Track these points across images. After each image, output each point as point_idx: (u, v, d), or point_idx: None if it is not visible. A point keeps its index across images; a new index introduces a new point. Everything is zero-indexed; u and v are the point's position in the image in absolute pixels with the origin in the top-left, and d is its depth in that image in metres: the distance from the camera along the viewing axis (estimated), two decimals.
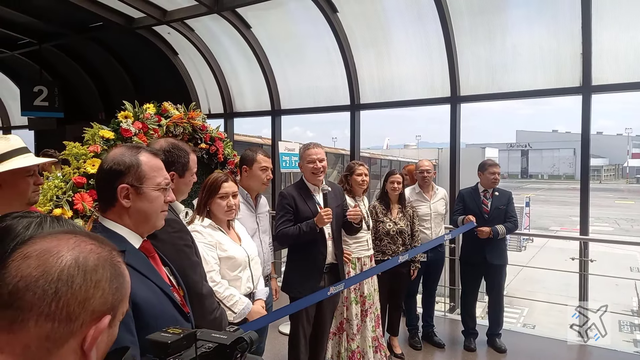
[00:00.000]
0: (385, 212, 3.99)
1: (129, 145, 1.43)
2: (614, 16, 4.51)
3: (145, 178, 1.34)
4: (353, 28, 5.87)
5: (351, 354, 3.55)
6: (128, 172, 1.32)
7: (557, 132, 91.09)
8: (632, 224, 28.89)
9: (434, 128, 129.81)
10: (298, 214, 3.07)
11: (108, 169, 1.33)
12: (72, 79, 9.18)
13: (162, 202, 1.38)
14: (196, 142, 3.77)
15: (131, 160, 1.34)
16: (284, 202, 3.09)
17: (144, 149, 1.40)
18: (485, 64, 5.27)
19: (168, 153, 1.95)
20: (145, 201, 1.34)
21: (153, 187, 1.36)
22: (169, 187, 1.42)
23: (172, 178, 1.93)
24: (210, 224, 2.42)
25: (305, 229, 2.97)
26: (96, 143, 2.99)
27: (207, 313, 1.91)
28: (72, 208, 2.76)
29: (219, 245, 2.38)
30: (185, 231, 1.93)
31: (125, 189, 1.31)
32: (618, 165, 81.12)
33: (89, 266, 0.72)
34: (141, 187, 1.33)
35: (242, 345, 0.91)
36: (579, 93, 4.69)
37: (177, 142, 2.05)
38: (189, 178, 2.02)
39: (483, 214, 4.19)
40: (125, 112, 3.22)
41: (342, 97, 6.27)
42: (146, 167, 1.35)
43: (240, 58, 7.07)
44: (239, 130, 8.69)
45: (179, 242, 1.86)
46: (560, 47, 4.81)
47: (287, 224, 3.04)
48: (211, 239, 2.37)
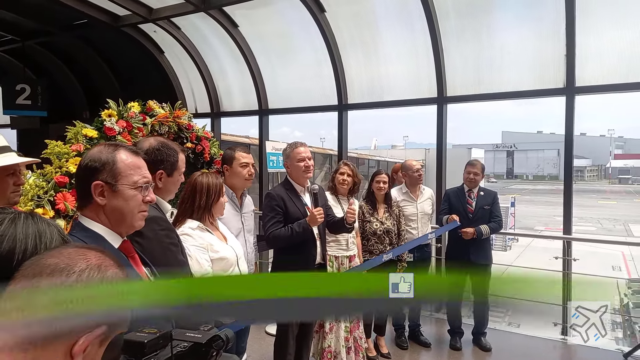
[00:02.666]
0: (372, 212, 4.00)
1: (110, 143, 1.42)
2: (597, 19, 4.59)
3: (120, 175, 1.33)
4: (341, 28, 5.87)
5: (322, 351, 3.54)
6: (103, 169, 1.31)
7: (542, 133, 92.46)
8: (615, 224, 29.43)
9: (422, 128, 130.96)
10: (288, 215, 3.05)
11: (84, 165, 1.33)
12: (56, 77, 9.04)
13: (139, 201, 1.36)
14: (182, 141, 3.73)
15: (107, 157, 1.33)
16: (273, 204, 3.06)
17: (123, 147, 1.39)
18: (471, 64, 5.31)
19: (157, 151, 1.94)
20: (120, 199, 1.33)
21: (128, 185, 1.34)
22: (148, 186, 1.40)
23: (161, 177, 1.92)
24: (198, 226, 2.39)
25: (298, 229, 2.95)
26: (79, 142, 2.94)
27: None
28: (54, 208, 2.71)
29: (210, 247, 2.36)
30: (171, 230, 1.92)
31: (100, 186, 1.30)
32: (601, 165, 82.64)
33: (107, 274, 0.78)
34: (116, 185, 1.32)
35: (218, 343, 0.91)
36: (563, 94, 4.76)
37: (167, 141, 2.04)
38: (177, 177, 2.01)
39: (467, 213, 4.23)
40: (109, 110, 3.18)
41: (330, 97, 6.27)
42: (122, 164, 1.34)
43: (228, 57, 7.02)
44: (227, 129, 8.67)
45: (166, 241, 1.84)
46: (544, 48, 4.88)
47: (277, 226, 3.01)
48: (202, 241, 2.35)
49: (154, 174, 1.89)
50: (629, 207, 37.88)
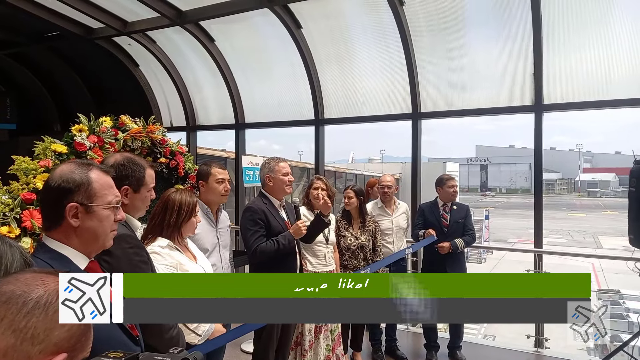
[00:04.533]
0: (347, 226, 4.01)
1: (78, 162, 1.37)
2: (564, 38, 4.77)
3: (96, 196, 1.30)
4: (317, 44, 5.94)
5: None
6: (78, 190, 1.28)
7: (514, 147, 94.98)
8: (584, 236, 30.30)
9: (398, 142, 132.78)
10: (270, 229, 3.05)
11: (56, 186, 1.28)
12: (26, 89, 8.82)
13: (112, 221, 1.34)
14: (155, 156, 3.68)
15: (81, 178, 1.29)
16: (256, 217, 3.05)
17: (94, 166, 1.36)
18: (444, 81, 5.44)
19: (122, 167, 1.90)
20: (95, 220, 1.30)
21: (104, 205, 1.31)
22: (119, 205, 1.38)
23: (126, 193, 1.88)
24: (168, 244, 2.34)
25: (284, 242, 2.97)
26: (47, 157, 2.86)
27: (164, 331, 1.86)
28: (20, 226, 2.62)
29: (179, 266, 2.31)
30: (141, 247, 1.88)
31: (74, 208, 1.26)
32: (570, 179, 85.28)
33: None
34: (91, 206, 1.29)
35: None
36: (532, 111, 4.91)
37: (133, 157, 2.01)
38: (144, 194, 1.97)
39: (443, 227, 4.28)
40: (79, 125, 3.11)
41: (306, 111, 6.30)
42: (97, 185, 1.31)
43: (204, 70, 7.00)
44: (203, 142, 8.55)
45: (135, 259, 1.80)
46: (514, 66, 5.03)
47: (262, 240, 3.01)
48: (171, 259, 2.30)
49: (119, 189, 1.86)
50: (597, 220, 39.11)
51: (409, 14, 5.17)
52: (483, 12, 5.13)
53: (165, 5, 5.78)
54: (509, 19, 4.93)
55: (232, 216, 7.10)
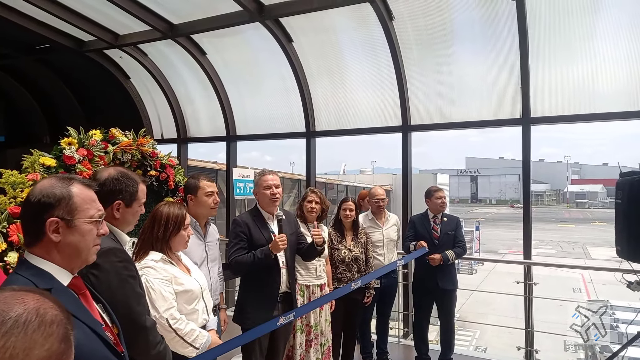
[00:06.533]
0: (340, 239, 4.01)
1: (60, 176, 1.36)
2: (550, 53, 4.87)
3: (77, 211, 1.29)
4: (308, 57, 6.00)
5: None
6: (58, 204, 1.27)
7: (503, 159, 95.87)
8: (574, 247, 30.52)
9: (389, 153, 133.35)
10: (252, 242, 3.03)
11: (36, 201, 1.26)
12: (16, 101, 8.76)
13: (94, 235, 1.33)
14: (145, 169, 3.66)
15: (62, 192, 1.28)
16: (238, 230, 3.05)
17: (76, 180, 1.35)
18: (433, 95, 5.51)
19: (116, 181, 1.92)
20: (77, 235, 1.29)
21: (85, 220, 1.30)
22: (102, 219, 1.37)
23: (119, 207, 1.88)
24: (162, 258, 2.33)
25: (260, 255, 2.94)
26: (36, 171, 2.84)
27: (151, 347, 1.84)
28: (7, 240, 2.58)
29: (174, 280, 2.30)
30: (130, 261, 1.87)
31: (55, 223, 1.25)
32: (559, 190, 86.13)
33: (46, 318, 0.76)
34: (72, 221, 1.28)
35: None
36: (519, 124, 4.98)
37: (127, 171, 2.02)
38: (136, 208, 1.97)
39: (433, 239, 4.30)
40: (68, 138, 3.09)
41: (297, 124, 6.34)
42: (78, 199, 1.30)
43: (196, 83, 7.02)
44: (195, 154, 8.56)
45: (124, 273, 1.80)
46: (501, 80, 5.12)
47: (240, 252, 2.99)
48: (166, 273, 2.28)
49: (112, 204, 1.86)
50: (586, 231, 39.45)
51: (398, 28, 5.25)
52: (471, 28, 5.22)
53: (157, 19, 5.81)
54: (496, 34, 5.03)
55: (223, 229, 7.09)
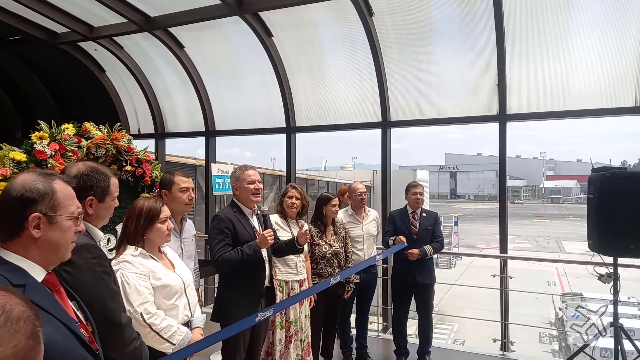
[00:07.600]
0: (321, 234, 4.01)
1: (40, 171, 1.34)
2: (525, 51, 4.96)
3: (59, 207, 1.28)
4: (288, 53, 5.96)
5: None
6: (42, 200, 1.25)
7: (481, 155, 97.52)
8: (549, 241, 31.32)
9: (370, 150, 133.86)
10: (237, 238, 2.99)
11: (18, 196, 1.24)
12: None
13: (73, 232, 1.32)
14: (121, 164, 3.59)
15: (45, 188, 1.27)
16: (222, 226, 2.99)
17: (56, 176, 1.33)
18: (413, 91, 5.54)
19: (86, 177, 1.86)
20: (58, 231, 1.28)
21: (66, 216, 1.30)
22: (81, 216, 1.36)
23: (91, 203, 1.84)
24: (140, 253, 2.29)
25: (249, 251, 2.90)
26: (5, 166, 2.75)
27: (126, 344, 1.81)
28: None
29: (152, 274, 2.27)
30: (104, 258, 1.84)
31: (37, 218, 1.24)
32: (535, 186, 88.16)
33: (13, 315, 0.74)
34: (54, 217, 1.27)
35: None
36: (496, 121, 5.07)
37: (97, 166, 1.97)
38: (109, 203, 1.93)
39: (412, 234, 4.34)
40: (40, 132, 3.01)
41: (277, 119, 6.31)
42: (61, 195, 1.29)
43: (174, 77, 6.91)
44: (173, 150, 8.42)
45: (98, 269, 1.76)
46: (479, 77, 5.19)
47: (226, 249, 2.94)
48: (143, 268, 2.25)
49: (84, 200, 1.81)
50: (560, 225, 40.52)
51: (378, 25, 5.27)
52: (449, 25, 5.27)
53: (133, 11, 5.68)
54: (474, 32, 5.09)
55: (202, 225, 7.01)
